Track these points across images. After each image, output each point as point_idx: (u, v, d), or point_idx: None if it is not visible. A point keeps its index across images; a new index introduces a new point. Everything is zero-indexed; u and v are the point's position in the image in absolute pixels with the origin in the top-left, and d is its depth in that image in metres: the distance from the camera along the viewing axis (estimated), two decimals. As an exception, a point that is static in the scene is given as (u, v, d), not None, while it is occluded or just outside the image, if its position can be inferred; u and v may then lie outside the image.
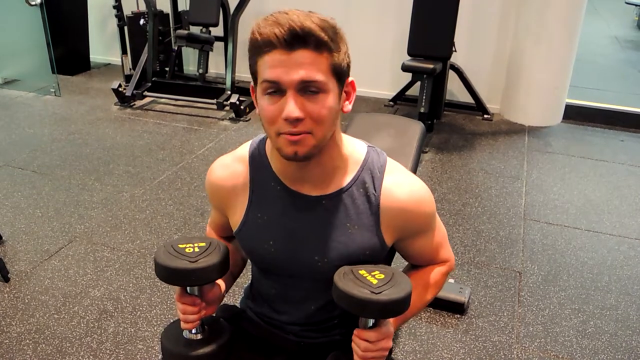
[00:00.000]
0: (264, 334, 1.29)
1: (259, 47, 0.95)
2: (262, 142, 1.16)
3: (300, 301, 1.20)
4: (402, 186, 1.10)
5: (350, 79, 1.04)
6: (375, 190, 1.09)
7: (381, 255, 1.14)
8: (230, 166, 1.17)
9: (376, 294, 0.95)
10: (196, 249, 1.07)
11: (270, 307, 1.25)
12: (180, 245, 1.08)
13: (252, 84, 1.03)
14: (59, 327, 2.18)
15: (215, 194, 1.20)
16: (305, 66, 0.93)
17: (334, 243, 1.10)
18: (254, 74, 0.99)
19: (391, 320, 1.08)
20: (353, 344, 1.04)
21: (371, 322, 1.02)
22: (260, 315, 1.29)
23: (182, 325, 1.11)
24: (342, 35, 0.99)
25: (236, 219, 1.17)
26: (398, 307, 0.98)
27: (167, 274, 1.05)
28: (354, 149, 1.12)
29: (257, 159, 1.14)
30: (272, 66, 0.94)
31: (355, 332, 1.03)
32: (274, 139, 1.00)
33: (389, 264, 1.29)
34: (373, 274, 1.01)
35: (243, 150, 1.17)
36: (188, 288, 1.09)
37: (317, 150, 1.01)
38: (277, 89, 0.95)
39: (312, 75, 0.94)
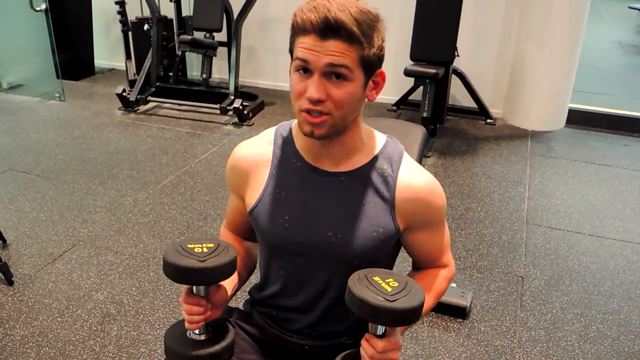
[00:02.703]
0: (268, 337, 1.29)
1: (297, 29, 1.03)
2: (289, 124, 1.22)
3: (308, 282, 1.20)
4: (418, 175, 1.16)
5: (380, 70, 1.10)
6: (392, 172, 1.14)
7: (392, 241, 1.16)
8: (255, 145, 1.23)
9: (390, 301, 0.95)
10: (205, 250, 1.08)
11: (277, 293, 1.25)
12: (189, 245, 1.09)
13: (289, 60, 1.10)
14: (62, 330, 2.19)
15: (235, 172, 1.24)
16: (334, 54, 1.00)
17: (349, 219, 1.13)
18: (291, 50, 1.06)
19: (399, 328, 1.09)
20: (361, 348, 1.04)
21: (381, 330, 1.02)
22: (265, 312, 1.30)
23: (187, 325, 1.11)
24: (380, 29, 1.05)
25: (253, 196, 1.20)
26: (411, 316, 0.97)
27: (176, 273, 1.06)
28: (375, 135, 1.19)
29: (282, 138, 1.21)
30: (305, 48, 1.01)
31: (365, 336, 1.03)
32: (297, 114, 1.07)
33: (393, 262, 1.29)
34: (387, 281, 1.01)
35: (269, 132, 1.24)
36: (194, 289, 1.10)
37: (333, 131, 1.07)
38: (306, 69, 1.02)
39: (338, 62, 1.00)
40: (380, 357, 1.01)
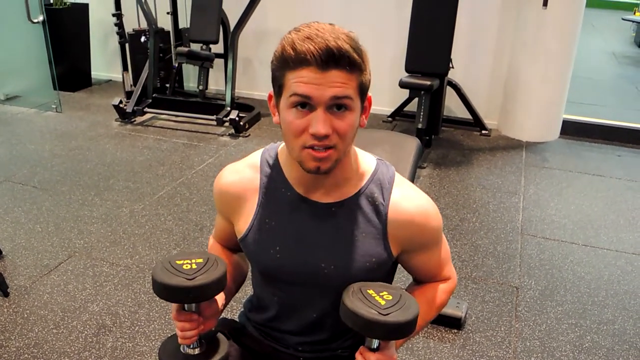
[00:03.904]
0: (263, 349, 1.29)
1: (291, 62, 0.96)
2: (275, 149, 1.18)
3: (303, 309, 1.20)
4: (410, 199, 1.12)
5: (369, 94, 1.07)
6: (383, 201, 1.11)
7: (386, 266, 1.15)
8: (241, 171, 1.18)
9: (383, 315, 0.95)
10: (194, 266, 1.06)
11: (272, 318, 1.25)
12: (178, 262, 1.07)
13: (271, 91, 1.05)
14: (58, 342, 2.19)
15: (223, 199, 1.20)
16: (337, 85, 0.96)
17: (341, 250, 1.11)
18: (280, 85, 1.00)
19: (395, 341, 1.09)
20: None
21: (376, 343, 1.02)
22: (260, 328, 1.30)
23: (180, 340, 1.10)
24: (366, 54, 1.01)
25: (242, 225, 1.17)
26: (404, 330, 0.97)
27: (164, 292, 1.04)
28: (364, 160, 1.15)
29: (269, 166, 1.16)
30: (305, 82, 0.96)
31: (360, 349, 1.04)
32: (297, 151, 1.02)
33: (392, 279, 1.30)
34: (381, 294, 1.01)
35: (254, 157, 1.19)
36: (185, 305, 1.09)
37: (337, 164, 1.04)
38: (306, 104, 0.98)
39: (343, 94, 0.96)
40: None
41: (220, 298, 1.19)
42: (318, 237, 1.12)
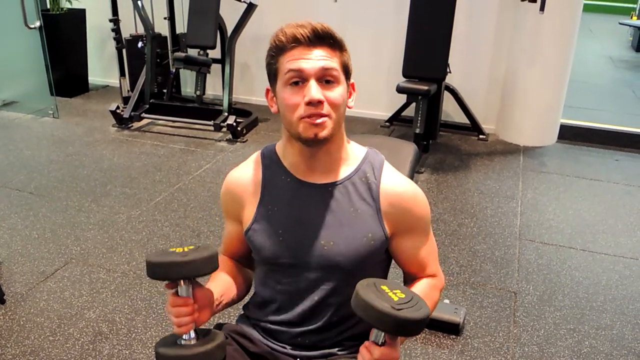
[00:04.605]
0: (260, 350, 1.30)
1: (283, 46, 1.13)
2: (272, 145, 1.29)
3: (306, 293, 1.24)
4: (400, 181, 1.24)
5: (351, 81, 1.21)
6: (375, 179, 1.22)
7: (383, 246, 1.23)
8: (243, 170, 1.30)
9: (396, 309, 0.98)
10: (186, 249, 1.13)
11: (274, 311, 1.28)
12: (171, 250, 1.14)
13: (267, 86, 1.20)
14: (54, 349, 2.17)
15: (229, 198, 1.30)
16: (323, 58, 1.12)
17: (339, 227, 1.20)
18: (274, 73, 1.15)
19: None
20: (359, 355, 1.06)
21: (382, 338, 1.04)
22: (259, 325, 1.31)
23: (176, 330, 1.12)
24: (345, 44, 1.18)
25: (248, 217, 1.26)
26: (414, 327, 1.01)
27: (159, 270, 1.09)
28: (355, 147, 1.28)
29: (269, 158, 1.28)
30: (296, 59, 1.11)
31: (365, 343, 1.06)
32: (295, 124, 1.13)
33: (386, 272, 1.33)
34: (394, 291, 1.04)
35: (255, 155, 1.31)
36: (179, 290, 1.12)
37: (332, 134, 1.15)
38: (300, 79, 1.11)
39: (330, 65, 1.12)
40: None
41: (216, 291, 1.22)
42: (317, 217, 1.21)
